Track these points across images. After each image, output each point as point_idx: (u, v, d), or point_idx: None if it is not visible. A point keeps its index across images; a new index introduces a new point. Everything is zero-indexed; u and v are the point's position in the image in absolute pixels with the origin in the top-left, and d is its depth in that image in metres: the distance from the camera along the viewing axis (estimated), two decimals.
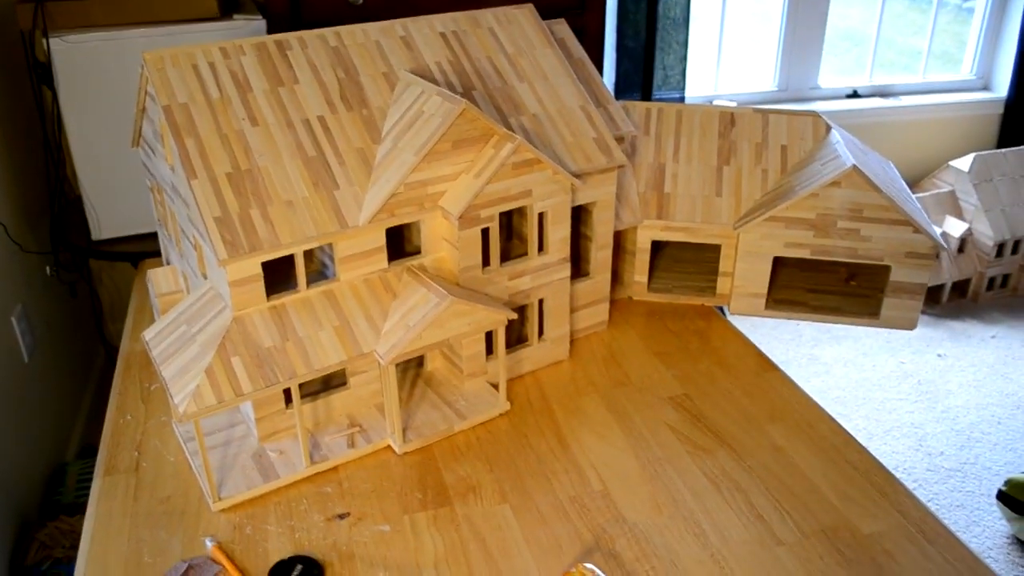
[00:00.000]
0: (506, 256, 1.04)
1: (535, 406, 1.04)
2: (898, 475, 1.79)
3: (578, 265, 1.16)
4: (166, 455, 0.97)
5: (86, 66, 1.78)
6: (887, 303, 1.16)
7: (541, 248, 1.05)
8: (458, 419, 1.00)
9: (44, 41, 1.73)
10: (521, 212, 1.03)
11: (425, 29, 1.10)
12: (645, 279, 1.25)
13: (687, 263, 1.31)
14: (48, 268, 2.13)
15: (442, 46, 1.09)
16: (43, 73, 1.85)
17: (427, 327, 0.91)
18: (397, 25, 1.09)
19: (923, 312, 2.44)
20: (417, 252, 1.01)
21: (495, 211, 0.98)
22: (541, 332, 1.11)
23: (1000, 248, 2.34)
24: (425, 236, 1.00)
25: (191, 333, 0.92)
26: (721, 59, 2.85)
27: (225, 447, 0.97)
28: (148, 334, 0.96)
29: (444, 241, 1.00)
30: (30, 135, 2.12)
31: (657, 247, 1.26)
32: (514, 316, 0.98)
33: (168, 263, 1.24)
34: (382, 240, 0.96)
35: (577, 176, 1.05)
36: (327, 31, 1.05)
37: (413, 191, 0.95)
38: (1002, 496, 1.65)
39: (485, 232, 0.99)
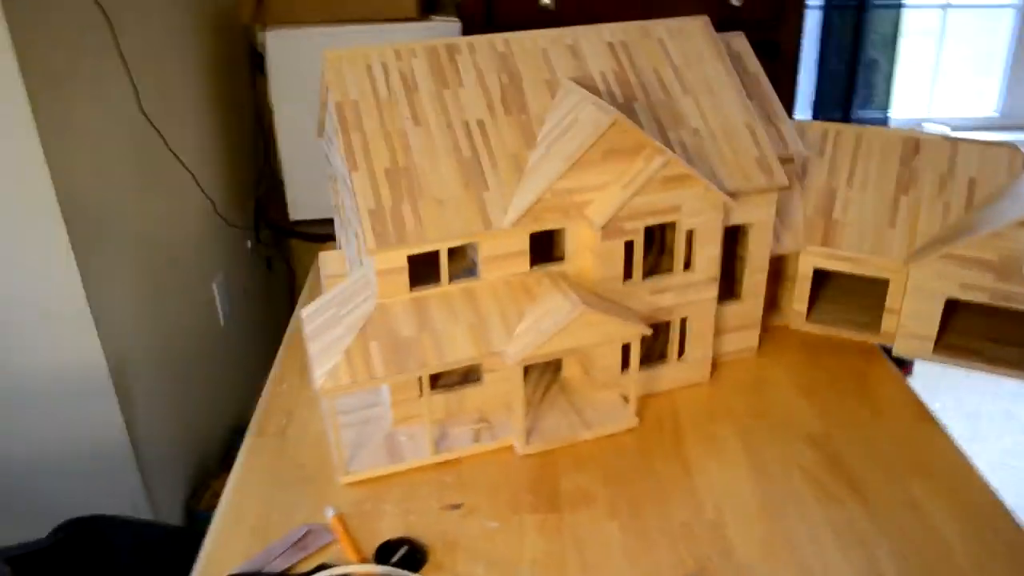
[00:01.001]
0: (652, 270, 1.04)
1: (665, 426, 1.03)
2: None
3: (731, 287, 1.13)
4: (311, 425, 1.05)
5: (295, 59, 1.94)
6: None
7: (688, 265, 1.04)
8: (584, 428, 1.01)
9: (260, 34, 1.90)
10: (670, 227, 1.03)
11: (593, 38, 1.11)
12: (804, 308, 1.20)
13: (852, 296, 1.24)
14: (249, 242, 2.35)
15: (609, 56, 1.10)
16: (258, 63, 2.05)
17: (557, 333, 0.93)
18: (566, 34, 1.11)
19: None
20: (561, 259, 1.02)
21: (640, 224, 0.98)
22: (682, 351, 1.09)
23: None
24: (569, 244, 1.01)
25: (340, 315, 0.99)
26: (936, 79, 2.65)
27: (362, 425, 1.03)
28: (305, 312, 1.04)
29: (587, 250, 1.01)
30: (244, 120, 2.34)
31: (821, 277, 1.20)
32: (648, 331, 0.97)
33: (339, 247, 1.34)
34: (525, 244, 0.99)
35: (732, 195, 1.03)
36: (496, 37, 1.09)
37: (559, 198, 0.97)
38: None
39: (629, 245, 0.99)
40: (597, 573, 0.81)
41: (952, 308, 1.10)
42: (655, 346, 1.10)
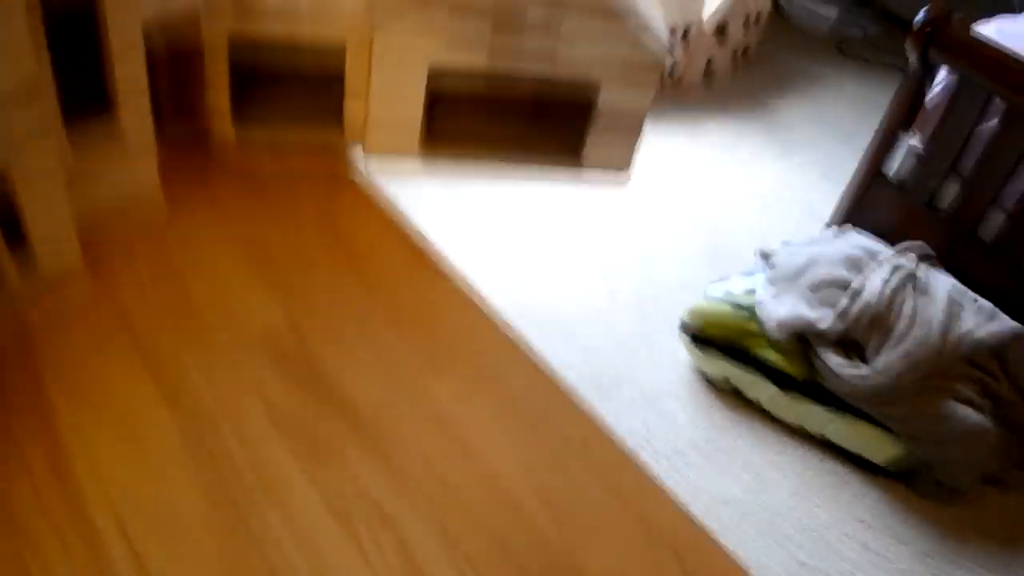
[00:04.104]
0: None
1: (13, 386, 0.56)
2: (583, 312, 1.54)
3: (98, 91, 0.64)
4: None
5: None
6: (594, 137, 0.81)
7: None
8: None
9: None
10: None
11: None
12: (226, 107, 0.77)
13: (303, 82, 0.84)
14: None
15: None
16: None
17: None
18: None
19: None
20: None
21: None
22: (17, 236, 0.60)
23: (671, 37, 2.10)
24: None
25: None
26: None
27: None
28: None
29: None
30: None
31: (253, 54, 0.77)
32: None
33: None
34: None
35: None
36: None
37: None
38: (684, 327, 1.49)
39: None
40: None
41: (434, 93, 0.77)
42: None
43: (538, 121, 0.86)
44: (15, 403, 0.55)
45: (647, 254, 1.85)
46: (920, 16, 1.07)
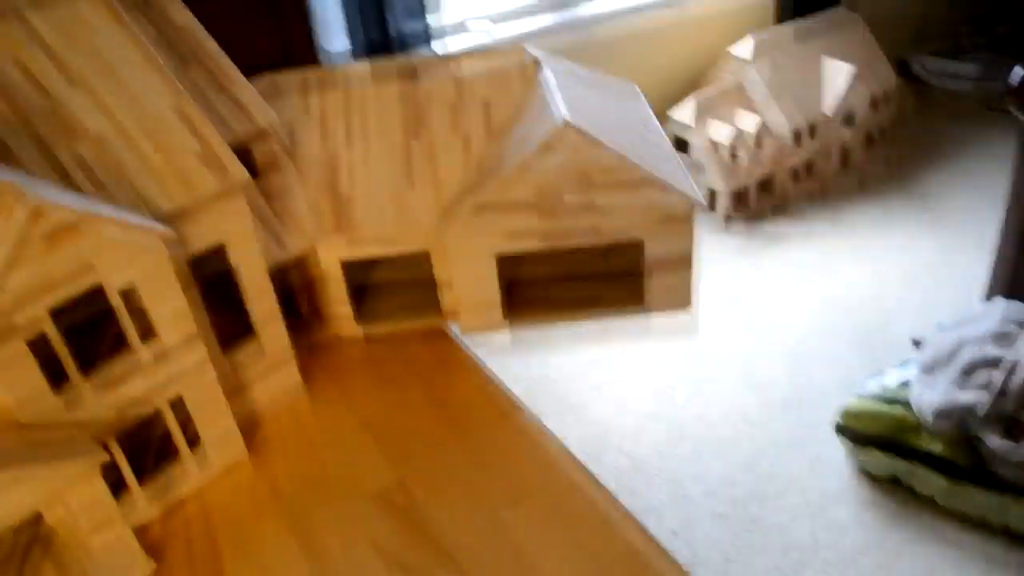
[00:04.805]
0: (100, 358, 0.74)
1: (197, 550, 0.75)
2: (737, 424, 1.55)
3: (244, 322, 0.86)
4: None
5: None
6: (651, 284, 0.93)
7: (148, 333, 0.75)
8: None
9: None
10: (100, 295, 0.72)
11: None
12: (348, 311, 0.97)
13: (406, 278, 1.04)
14: None
15: None
16: None
17: None
18: None
19: (733, 217, 2.24)
20: None
21: (40, 309, 0.67)
22: (195, 439, 0.81)
23: (798, 135, 2.18)
24: None
25: None
26: None
27: None
28: None
29: None
30: None
31: (367, 265, 0.98)
32: (104, 459, 0.68)
33: None
34: None
35: (177, 217, 0.75)
36: None
37: None
38: (840, 429, 1.48)
39: (37, 343, 0.68)
40: None
41: (515, 261, 0.93)
42: (152, 445, 0.81)
43: (602, 279, 0.99)
44: (200, 565, 0.74)
45: (797, 354, 1.81)
46: (1014, 76, 1.08)
